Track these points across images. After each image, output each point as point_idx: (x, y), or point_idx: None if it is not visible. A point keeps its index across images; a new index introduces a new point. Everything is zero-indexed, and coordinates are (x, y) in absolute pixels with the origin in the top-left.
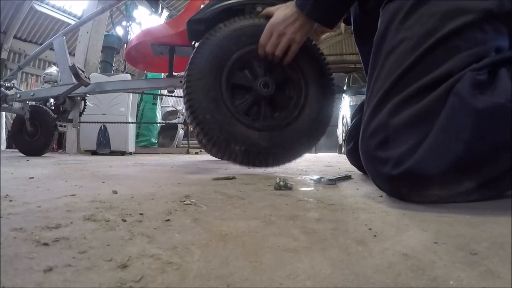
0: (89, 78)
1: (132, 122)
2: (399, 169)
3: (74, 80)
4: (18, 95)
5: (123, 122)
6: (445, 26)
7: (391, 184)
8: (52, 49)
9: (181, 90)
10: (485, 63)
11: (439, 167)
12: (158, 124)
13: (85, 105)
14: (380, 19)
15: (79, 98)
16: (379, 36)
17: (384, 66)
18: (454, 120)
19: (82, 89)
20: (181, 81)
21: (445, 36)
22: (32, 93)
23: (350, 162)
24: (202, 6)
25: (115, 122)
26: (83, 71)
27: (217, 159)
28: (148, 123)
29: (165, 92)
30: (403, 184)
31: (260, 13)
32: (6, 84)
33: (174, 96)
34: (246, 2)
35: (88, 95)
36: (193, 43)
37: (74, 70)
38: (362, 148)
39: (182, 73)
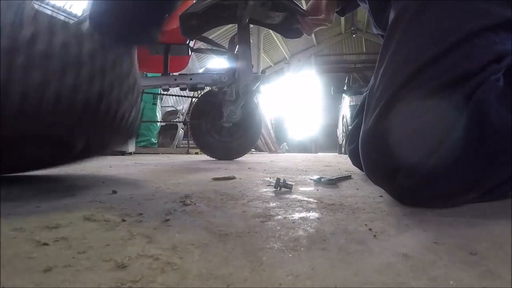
0: None
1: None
2: (410, 180)
3: None
4: None
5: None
6: (464, 26)
7: (398, 192)
8: None
9: (179, 89)
10: (504, 65)
11: (449, 184)
12: (158, 124)
13: None
14: (392, 8)
15: None
16: (391, 25)
17: (394, 58)
18: (472, 135)
19: None
20: (175, 79)
21: (465, 36)
22: None
23: (352, 163)
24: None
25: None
26: None
27: (215, 159)
28: (148, 121)
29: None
30: (410, 195)
31: (253, 7)
32: None
33: (174, 95)
34: None
35: None
36: (187, 41)
37: None
38: (365, 150)
39: (177, 74)
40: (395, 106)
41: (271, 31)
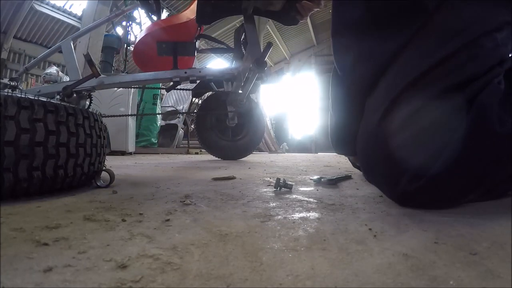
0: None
1: (132, 115)
2: (413, 185)
3: (81, 77)
4: (24, 93)
5: (123, 115)
6: (470, 27)
7: (400, 197)
8: (60, 51)
9: (178, 93)
10: (505, 67)
11: (452, 186)
12: (158, 124)
13: (90, 101)
14: None
15: (85, 93)
16: None
17: (397, 60)
18: (475, 139)
19: (90, 83)
20: (185, 72)
21: (471, 38)
22: (38, 90)
23: (353, 164)
24: None
25: (115, 116)
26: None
27: (217, 159)
28: (149, 114)
29: (165, 91)
30: (413, 199)
31: None
32: (11, 83)
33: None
34: None
35: (95, 90)
36: (194, 38)
37: (88, 57)
38: (366, 153)
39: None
40: (400, 107)
41: (271, 32)
